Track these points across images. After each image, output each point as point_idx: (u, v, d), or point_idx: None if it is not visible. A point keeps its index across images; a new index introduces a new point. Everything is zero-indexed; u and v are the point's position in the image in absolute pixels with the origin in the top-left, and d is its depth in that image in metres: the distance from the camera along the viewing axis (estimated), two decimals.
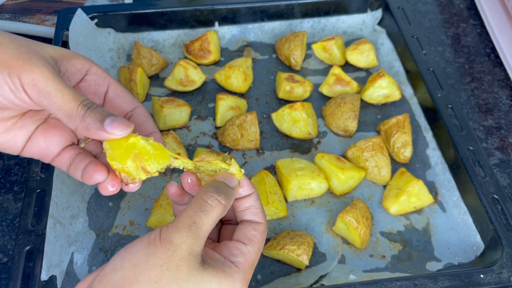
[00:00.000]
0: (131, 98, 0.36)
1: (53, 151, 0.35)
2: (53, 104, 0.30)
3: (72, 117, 0.30)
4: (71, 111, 0.30)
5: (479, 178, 0.47)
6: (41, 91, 0.30)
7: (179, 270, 0.29)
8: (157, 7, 0.63)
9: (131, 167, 0.32)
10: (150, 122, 0.36)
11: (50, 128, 0.35)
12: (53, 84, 0.30)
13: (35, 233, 0.42)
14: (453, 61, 0.67)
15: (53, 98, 0.30)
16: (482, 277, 0.41)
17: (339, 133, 0.57)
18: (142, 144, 0.32)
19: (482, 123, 0.60)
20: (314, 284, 0.44)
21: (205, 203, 0.31)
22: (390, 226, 0.49)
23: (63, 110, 0.30)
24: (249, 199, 0.35)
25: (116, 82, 0.36)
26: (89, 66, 0.35)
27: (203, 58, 0.62)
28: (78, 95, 0.31)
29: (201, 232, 0.30)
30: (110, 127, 0.30)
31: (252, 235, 0.33)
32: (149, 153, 0.32)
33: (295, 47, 0.62)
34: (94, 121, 0.30)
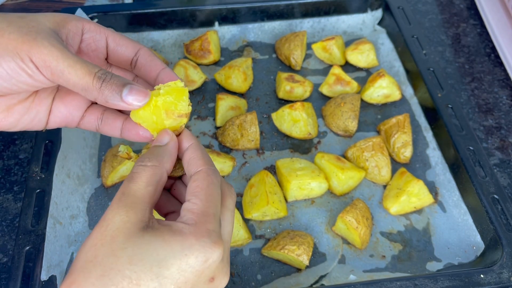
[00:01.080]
0: (132, 42, 0.36)
1: (76, 115, 0.35)
2: (68, 81, 0.30)
3: (89, 91, 0.30)
4: (86, 85, 0.30)
5: (479, 178, 0.47)
6: (54, 70, 0.30)
7: (114, 241, 0.27)
8: (157, 7, 0.63)
9: (172, 122, 0.32)
10: (156, 60, 0.36)
11: (66, 95, 0.35)
12: (64, 62, 0.30)
13: (35, 233, 0.42)
14: (453, 61, 0.67)
15: (67, 76, 0.30)
16: (482, 277, 0.41)
17: (339, 133, 0.57)
18: (162, 100, 0.32)
19: (482, 123, 0.60)
20: (314, 284, 0.44)
21: (131, 173, 0.30)
22: (390, 226, 0.49)
23: (79, 86, 0.30)
24: (187, 152, 0.33)
25: (113, 32, 0.36)
26: (82, 25, 0.34)
27: (203, 58, 0.62)
28: (90, 67, 0.30)
29: (134, 199, 0.28)
30: (129, 98, 0.31)
31: (194, 187, 0.31)
32: (173, 102, 0.32)
33: (295, 47, 0.62)
34: (112, 93, 0.30)
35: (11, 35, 0.30)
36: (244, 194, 0.50)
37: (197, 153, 0.32)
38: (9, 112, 0.33)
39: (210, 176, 0.31)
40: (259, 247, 0.47)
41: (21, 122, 0.34)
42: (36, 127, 0.35)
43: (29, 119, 0.34)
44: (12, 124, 0.33)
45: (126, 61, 0.36)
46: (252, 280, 0.45)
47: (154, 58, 0.35)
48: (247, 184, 0.50)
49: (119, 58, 0.36)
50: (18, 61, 0.29)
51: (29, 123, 0.34)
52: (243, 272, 0.45)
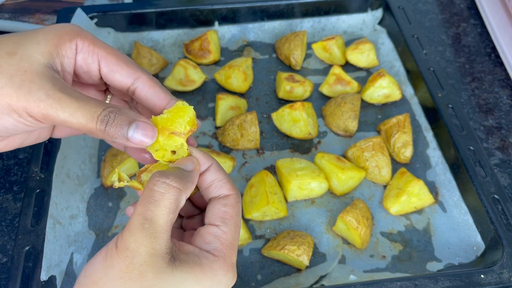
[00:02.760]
0: (128, 69, 0.32)
1: None
2: (72, 127, 0.29)
3: (94, 134, 0.29)
4: (90, 131, 0.29)
5: (479, 178, 0.47)
6: (56, 121, 0.28)
7: (144, 277, 0.25)
8: (157, 7, 0.63)
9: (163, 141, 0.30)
10: (159, 91, 0.32)
11: None
12: (64, 112, 0.27)
13: (35, 233, 0.42)
14: (453, 60, 0.67)
15: (70, 125, 0.28)
16: (483, 277, 0.41)
17: (339, 133, 0.57)
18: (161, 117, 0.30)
19: (483, 123, 0.60)
20: (314, 284, 0.44)
21: (152, 192, 0.27)
22: (391, 226, 0.49)
23: (83, 131, 0.29)
24: (209, 173, 0.31)
25: (107, 54, 0.31)
26: (76, 45, 0.31)
27: (203, 57, 0.62)
28: (92, 111, 0.28)
29: (158, 227, 0.26)
30: (136, 137, 0.29)
31: (223, 212, 0.29)
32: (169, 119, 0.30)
33: (295, 47, 0.62)
34: (117, 134, 0.28)
35: (3, 90, 0.27)
36: (244, 194, 0.50)
37: (223, 175, 0.31)
38: (9, 140, 0.31)
39: (238, 203, 0.30)
40: (259, 247, 0.47)
41: (24, 144, 0.33)
42: (39, 141, 0.34)
43: (33, 139, 0.33)
44: (16, 147, 0.33)
45: (121, 89, 0.33)
46: (252, 280, 0.44)
47: (156, 90, 0.32)
48: (247, 184, 0.50)
49: (113, 85, 0.33)
50: (15, 117, 0.28)
51: (33, 141, 0.33)
52: (243, 272, 0.45)
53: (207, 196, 0.31)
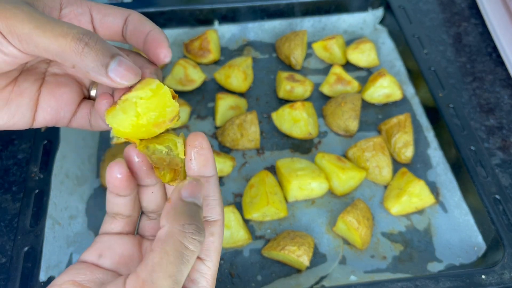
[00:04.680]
0: (120, 9, 0.30)
1: (68, 111, 0.30)
2: (39, 46, 0.24)
3: (67, 55, 0.24)
4: (61, 49, 0.24)
5: (480, 178, 0.47)
6: (20, 35, 0.24)
7: None
8: (157, 6, 0.63)
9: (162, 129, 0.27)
10: (146, 22, 0.30)
11: (55, 86, 0.29)
12: (30, 23, 0.24)
13: (34, 234, 0.42)
14: (454, 60, 0.67)
15: (35, 39, 0.24)
16: (484, 278, 0.41)
17: (340, 133, 0.56)
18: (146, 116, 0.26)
19: (484, 123, 0.59)
20: (314, 285, 0.43)
21: (185, 250, 0.23)
22: (391, 226, 0.49)
23: (52, 50, 0.24)
24: (208, 185, 0.27)
25: (96, 3, 0.30)
26: None
27: (202, 57, 0.62)
28: (66, 28, 0.24)
29: None
30: (115, 74, 0.25)
31: (210, 242, 0.26)
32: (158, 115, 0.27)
33: (296, 46, 0.62)
34: (95, 62, 0.24)
35: None
36: (244, 195, 0.50)
37: (218, 193, 0.27)
38: None
39: (223, 231, 0.27)
40: (259, 247, 0.47)
41: (0, 118, 0.28)
42: (19, 124, 0.29)
43: (10, 114, 0.28)
44: None
45: (116, 32, 0.30)
46: (252, 281, 0.44)
47: (143, 21, 0.30)
48: (247, 184, 0.50)
49: (108, 30, 0.30)
50: None
51: (10, 119, 0.28)
52: (243, 273, 0.45)
53: None
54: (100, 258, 0.28)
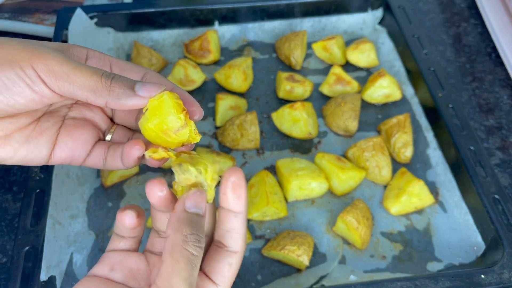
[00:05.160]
0: (137, 67, 0.33)
1: (83, 151, 0.32)
2: (74, 83, 0.28)
3: (98, 91, 0.28)
4: (95, 85, 0.28)
5: (480, 178, 0.47)
6: (58, 74, 0.28)
7: None
8: (157, 7, 0.63)
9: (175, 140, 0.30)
10: (164, 81, 0.33)
11: (73, 128, 0.32)
12: (68, 65, 0.28)
13: (34, 234, 0.42)
14: (454, 60, 0.67)
15: (73, 78, 0.28)
16: (483, 277, 0.41)
17: (340, 133, 0.57)
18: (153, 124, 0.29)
19: (483, 123, 0.59)
20: (314, 284, 0.43)
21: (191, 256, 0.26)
22: (391, 226, 0.49)
23: (86, 87, 0.28)
24: (236, 219, 0.29)
25: (116, 59, 0.33)
26: (86, 51, 0.32)
27: (203, 57, 0.62)
28: (97, 69, 0.29)
29: None
30: (142, 91, 0.28)
31: (226, 271, 0.29)
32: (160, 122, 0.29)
33: (295, 47, 0.62)
34: (124, 89, 0.28)
35: (11, 46, 0.28)
36: None
37: (243, 228, 0.29)
38: (5, 139, 0.30)
39: (241, 262, 0.30)
40: (259, 247, 0.47)
41: (19, 153, 0.31)
42: (36, 160, 0.32)
43: (28, 150, 0.31)
44: (9, 154, 0.30)
45: None
46: (252, 280, 0.44)
47: (162, 80, 0.33)
48: (247, 184, 0.50)
49: None
50: (17, 70, 0.27)
51: (28, 154, 0.31)
52: (243, 272, 0.45)
53: (216, 235, 0.30)
54: (111, 271, 0.30)
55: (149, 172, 0.52)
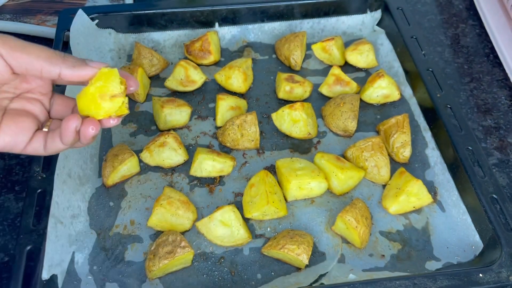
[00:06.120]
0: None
1: (25, 137, 0.35)
2: (30, 54, 0.31)
3: (53, 59, 0.32)
4: (50, 55, 0.32)
5: (478, 178, 0.48)
6: (15, 47, 0.31)
7: None
8: (158, 8, 0.63)
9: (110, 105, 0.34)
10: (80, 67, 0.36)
11: (16, 116, 0.35)
12: (23, 41, 0.32)
13: (36, 233, 0.43)
14: (452, 61, 0.67)
15: (29, 49, 0.31)
16: (481, 276, 0.41)
17: (339, 133, 0.57)
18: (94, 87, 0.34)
19: (481, 123, 0.60)
20: (313, 283, 0.44)
21: None
22: (390, 225, 0.49)
23: (42, 56, 0.32)
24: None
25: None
26: None
27: (203, 58, 0.63)
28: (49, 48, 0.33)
29: None
30: (93, 63, 0.33)
31: None
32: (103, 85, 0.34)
33: (295, 48, 0.62)
34: (76, 59, 0.33)
35: None
36: (244, 194, 0.50)
37: None
38: None
39: None
40: (259, 246, 0.47)
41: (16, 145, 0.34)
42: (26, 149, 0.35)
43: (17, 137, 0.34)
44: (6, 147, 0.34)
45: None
46: (252, 279, 0.45)
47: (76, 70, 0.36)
48: (247, 184, 0.51)
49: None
50: None
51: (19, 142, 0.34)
52: (243, 271, 0.45)
53: None
54: None
55: (150, 172, 0.53)
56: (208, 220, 0.47)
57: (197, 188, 0.51)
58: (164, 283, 0.44)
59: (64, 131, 0.34)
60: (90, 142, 0.36)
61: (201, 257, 0.46)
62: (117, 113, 0.35)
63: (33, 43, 0.32)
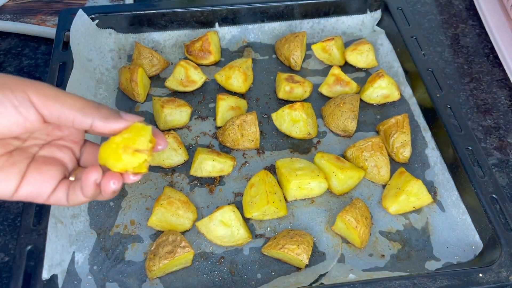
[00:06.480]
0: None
1: (49, 186, 0.34)
2: (64, 103, 0.30)
3: (86, 110, 0.31)
4: (84, 105, 0.31)
5: (478, 178, 0.48)
6: (49, 96, 0.30)
7: None
8: (158, 8, 0.63)
9: (131, 159, 0.32)
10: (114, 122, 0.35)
11: (42, 164, 0.34)
12: (58, 90, 0.31)
13: (37, 233, 0.43)
14: (452, 61, 0.67)
15: (62, 98, 0.30)
16: (481, 276, 0.41)
17: (339, 133, 0.57)
18: (121, 138, 0.32)
19: (481, 123, 0.60)
20: (313, 283, 0.44)
21: None
22: (389, 225, 0.49)
23: (75, 106, 0.31)
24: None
25: None
26: None
27: (203, 58, 0.63)
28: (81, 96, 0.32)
29: None
30: (127, 116, 0.32)
31: None
32: (131, 137, 0.32)
33: (295, 48, 0.62)
34: (111, 111, 0.32)
35: (7, 76, 0.30)
36: (244, 194, 0.50)
37: None
38: None
39: None
40: (259, 246, 0.47)
41: None
42: (2, 192, 0.32)
43: None
44: None
45: None
46: (252, 279, 0.45)
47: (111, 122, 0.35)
48: (247, 183, 0.51)
49: None
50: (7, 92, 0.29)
51: None
52: (243, 271, 0.45)
53: None
54: None
55: (150, 172, 0.53)
56: (208, 220, 0.47)
57: (197, 188, 0.51)
58: (164, 283, 0.44)
59: (84, 184, 0.32)
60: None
61: (201, 257, 0.46)
62: (135, 170, 0.33)
63: (67, 92, 0.31)
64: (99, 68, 0.61)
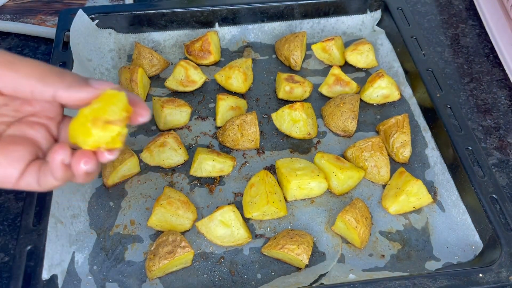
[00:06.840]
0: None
1: (15, 171, 0.29)
2: (19, 71, 0.26)
3: (47, 78, 0.26)
4: (44, 72, 0.26)
5: (478, 178, 0.48)
6: (7, 62, 0.26)
7: None
8: (158, 8, 0.63)
9: (101, 133, 0.27)
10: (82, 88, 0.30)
11: (8, 145, 0.29)
12: (13, 55, 0.27)
13: (37, 233, 0.43)
14: (452, 61, 0.67)
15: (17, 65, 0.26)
16: (481, 276, 0.41)
17: (339, 133, 0.57)
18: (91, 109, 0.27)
19: (481, 123, 0.60)
20: (313, 283, 0.44)
21: None
22: (389, 225, 0.49)
23: (34, 74, 0.26)
24: None
25: None
26: None
27: (203, 58, 0.63)
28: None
29: None
30: (96, 83, 0.27)
31: None
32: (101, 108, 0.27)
33: (295, 48, 0.62)
34: (76, 78, 0.27)
35: None
36: (244, 194, 0.50)
37: None
38: None
39: None
40: (259, 246, 0.47)
41: None
42: None
43: None
44: None
45: None
46: (252, 279, 0.45)
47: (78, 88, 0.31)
48: (247, 183, 0.51)
49: None
50: None
51: None
52: (243, 271, 0.45)
53: None
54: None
55: (150, 172, 0.53)
56: (208, 220, 0.47)
57: (197, 188, 0.51)
58: (164, 283, 0.44)
59: (52, 165, 0.28)
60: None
61: (201, 257, 0.46)
62: (108, 145, 0.28)
63: (27, 58, 0.27)
64: (99, 68, 0.61)
